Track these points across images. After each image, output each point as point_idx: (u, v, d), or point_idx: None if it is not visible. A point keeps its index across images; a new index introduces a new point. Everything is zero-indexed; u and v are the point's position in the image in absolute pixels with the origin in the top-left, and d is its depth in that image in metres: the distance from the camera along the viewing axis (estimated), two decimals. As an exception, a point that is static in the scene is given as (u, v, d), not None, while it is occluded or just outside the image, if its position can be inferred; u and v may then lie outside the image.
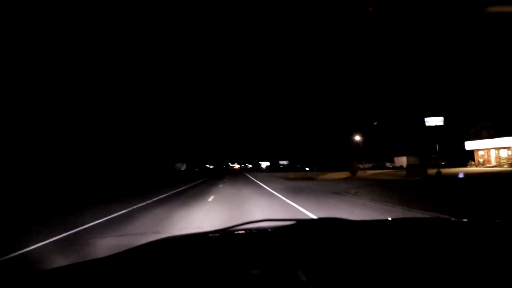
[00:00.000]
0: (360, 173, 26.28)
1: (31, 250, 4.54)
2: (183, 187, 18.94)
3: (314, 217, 6.44)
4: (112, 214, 7.95)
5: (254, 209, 7.99)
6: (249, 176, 35.15)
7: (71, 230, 5.88)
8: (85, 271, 0.82)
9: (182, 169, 76.24)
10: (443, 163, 31.65)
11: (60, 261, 3.79)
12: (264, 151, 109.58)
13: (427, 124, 22.98)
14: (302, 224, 1.11)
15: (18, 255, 4.29)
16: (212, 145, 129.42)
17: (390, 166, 42.78)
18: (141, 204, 9.99)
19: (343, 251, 0.85)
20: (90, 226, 6.30)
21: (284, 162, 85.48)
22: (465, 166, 28.32)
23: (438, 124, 22.93)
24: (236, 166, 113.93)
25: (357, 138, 34.12)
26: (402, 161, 41.52)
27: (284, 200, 9.90)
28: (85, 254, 4.10)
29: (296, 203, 8.86)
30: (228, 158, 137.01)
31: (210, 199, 11.02)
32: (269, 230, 1.14)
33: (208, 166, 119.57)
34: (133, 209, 8.92)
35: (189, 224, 6.14)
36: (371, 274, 0.68)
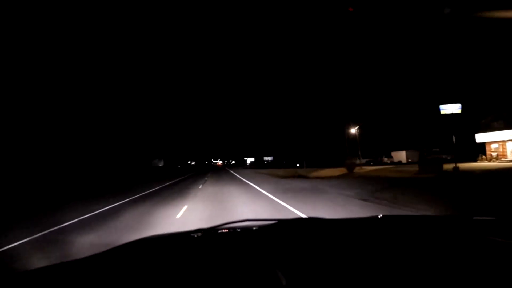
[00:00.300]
0: (357, 170, 23.32)
1: None
2: (152, 189, 14.93)
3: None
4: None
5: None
6: (234, 173, 31.57)
7: None
8: (64, 272, 0.80)
9: (160, 165, 70.34)
10: (448, 158, 28.57)
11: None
12: (247, 146, 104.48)
13: (442, 112, 20.13)
14: (284, 224, 1.09)
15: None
16: (194, 141, 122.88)
17: (388, 162, 38.74)
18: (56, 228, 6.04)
19: (323, 251, 0.84)
20: None
21: (269, 158, 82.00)
22: (475, 160, 25.58)
23: (455, 112, 20.07)
24: (219, 162, 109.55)
25: (352, 131, 30.86)
26: (401, 155, 37.85)
27: (296, 214, 6.35)
28: None
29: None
30: (211, 154, 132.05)
31: (180, 213, 7.14)
32: (250, 229, 1.16)
33: (190, 162, 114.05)
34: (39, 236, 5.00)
35: None
36: (349, 274, 0.67)
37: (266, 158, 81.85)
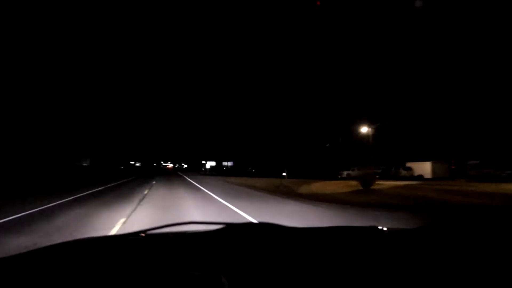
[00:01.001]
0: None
1: None
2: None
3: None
4: None
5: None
6: (192, 181, 22.89)
7: None
8: None
9: (84, 165, 53.08)
10: (504, 174, 20.32)
11: None
12: (204, 149, 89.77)
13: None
14: (232, 228, 1.03)
15: None
16: (140, 140, 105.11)
17: (407, 175, 28.94)
18: None
19: (270, 258, 0.82)
20: None
21: (228, 163, 72.54)
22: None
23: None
24: (170, 165, 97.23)
25: (364, 130, 23.41)
26: (424, 168, 28.23)
27: None
28: None
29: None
30: (161, 156, 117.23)
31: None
32: (195, 233, 1.10)
33: (134, 163, 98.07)
34: None
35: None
36: (294, 281, 0.67)
37: (225, 163, 71.97)
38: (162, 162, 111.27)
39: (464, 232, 1.20)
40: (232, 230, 1.01)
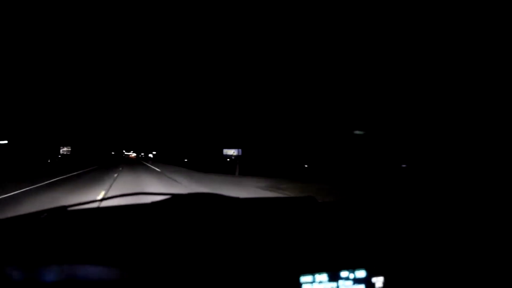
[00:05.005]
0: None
1: None
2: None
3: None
4: None
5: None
6: (165, 173, 20.70)
7: None
8: None
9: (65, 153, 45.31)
10: None
11: None
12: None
13: None
14: (178, 198, 1.02)
15: None
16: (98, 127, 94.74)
17: None
18: None
19: (213, 225, 0.86)
20: None
21: (234, 152, 61.05)
22: None
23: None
24: (133, 154, 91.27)
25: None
26: None
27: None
28: None
29: None
30: (123, 144, 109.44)
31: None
32: (140, 205, 1.05)
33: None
34: None
35: None
36: (234, 247, 0.72)
37: (228, 152, 61.58)
38: (124, 151, 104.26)
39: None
40: (178, 201, 1.01)
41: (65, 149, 39.15)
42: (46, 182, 11.15)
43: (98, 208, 1.04)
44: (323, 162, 25.79)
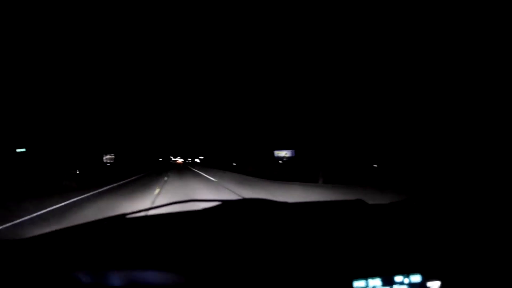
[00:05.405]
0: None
1: None
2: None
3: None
4: None
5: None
6: (223, 184, 16.30)
7: None
8: None
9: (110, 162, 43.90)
10: None
11: None
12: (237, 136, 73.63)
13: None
14: (228, 205, 1.04)
15: None
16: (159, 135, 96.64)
17: None
18: None
19: (264, 231, 0.85)
20: None
21: (286, 154, 52.64)
22: None
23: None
24: (180, 160, 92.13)
25: None
26: None
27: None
28: None
29: None
30: (170, 150, 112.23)
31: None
32: (193, 212, 1.09)
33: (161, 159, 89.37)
34: None
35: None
36: (287, 252, 0.71)
37: (279, 153, 53.88)
38: (171, 156, 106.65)
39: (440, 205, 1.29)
40: (228, 206, 1.02)
41: (108, 156, 37.72)
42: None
43: (154, 216, 1.05)
44: (393, 161, 20.74)
